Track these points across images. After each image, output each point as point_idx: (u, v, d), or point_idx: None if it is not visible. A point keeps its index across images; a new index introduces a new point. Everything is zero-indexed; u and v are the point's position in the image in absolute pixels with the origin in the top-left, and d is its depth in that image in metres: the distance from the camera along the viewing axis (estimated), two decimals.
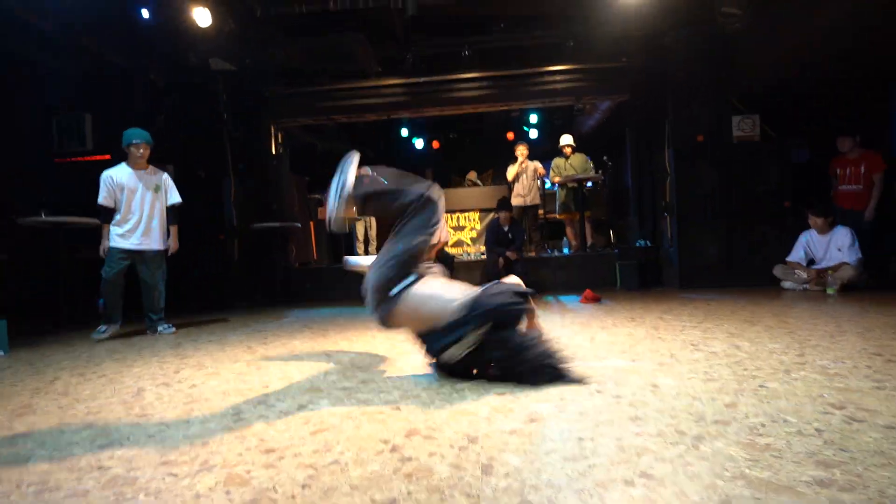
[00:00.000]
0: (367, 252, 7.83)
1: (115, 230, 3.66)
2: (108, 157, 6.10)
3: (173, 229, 3.90)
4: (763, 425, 1.23)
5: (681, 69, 5.42)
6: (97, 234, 3.77)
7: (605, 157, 7.64)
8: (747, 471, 0.99)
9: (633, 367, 1.92)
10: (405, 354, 2.40)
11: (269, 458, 1.19)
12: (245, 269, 6.38)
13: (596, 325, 3.01)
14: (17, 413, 1.74)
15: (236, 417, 1.54)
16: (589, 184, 6.94)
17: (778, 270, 4.71)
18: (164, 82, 6.15)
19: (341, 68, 6.21)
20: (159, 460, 1.22)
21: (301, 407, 1.62)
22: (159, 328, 3.76)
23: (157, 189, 3.83)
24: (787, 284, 4.63)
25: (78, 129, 5.98)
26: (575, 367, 1.78)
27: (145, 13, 4.90)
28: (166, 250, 3.86)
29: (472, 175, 9.46)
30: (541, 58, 6.43)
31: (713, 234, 5.17)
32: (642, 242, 5.75)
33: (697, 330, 2.66)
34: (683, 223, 5.20)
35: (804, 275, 4.52)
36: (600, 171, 7.27)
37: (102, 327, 3.59)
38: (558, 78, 6.49)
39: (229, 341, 3.18)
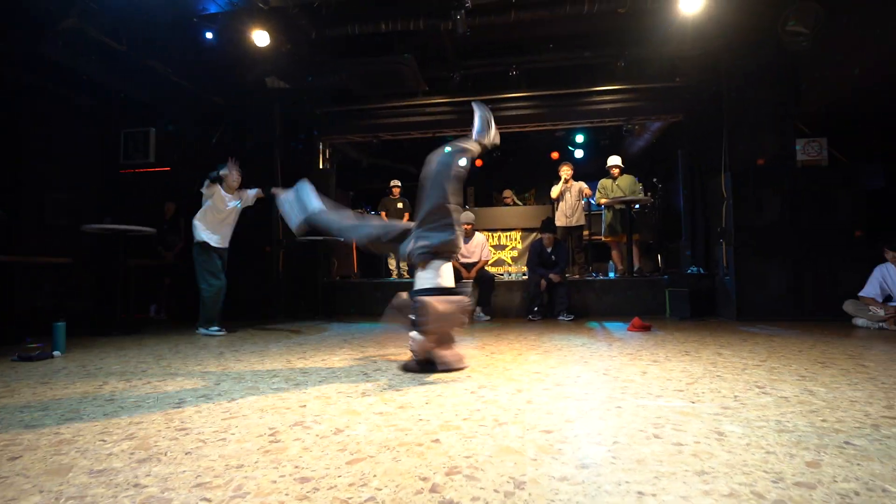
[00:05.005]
0: (399, 274, 7.84)
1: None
2: (167, 168, 6.45)
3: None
4: (857, 493, 1.07)
5: (739, 89, 5.18)
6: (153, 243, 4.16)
7: (654, 179, 7.36)
8: None
9: (693, 408, 1.76)
10: (447, 380, 2.32)
11: (303, 489, 1.13)
12: (288, 281, 6.51)
13: (647, 358, 2.83)
14: (65, 418, 1.78)
15: (272, 438, 1.50)
16: (636, 206, 6.70)
17: (849, 306, 4.33)
18: (223, 101, 6.46)
19: (390, 89, 6.33)
20: (194, 481, 1.18)
21: (338, 431, 1.56)
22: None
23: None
24: (859, 322, 4.24)
25: (144, 143, 6.36)
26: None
27: (209, 35, 5.18)
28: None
29: (508, 193, 9.31)
30: (590, 77, 6.32)
31: (775, 264, 4.83)
32: (695, 269, 5.45)
33: (762, 369, 2.44)
34: (741, 251, 4.89)
35: (880, 312, 4.13)
36: (649, 194, 7.01)
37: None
38: (608, 98, 6.35)
39: (270, 353, 3.20)
